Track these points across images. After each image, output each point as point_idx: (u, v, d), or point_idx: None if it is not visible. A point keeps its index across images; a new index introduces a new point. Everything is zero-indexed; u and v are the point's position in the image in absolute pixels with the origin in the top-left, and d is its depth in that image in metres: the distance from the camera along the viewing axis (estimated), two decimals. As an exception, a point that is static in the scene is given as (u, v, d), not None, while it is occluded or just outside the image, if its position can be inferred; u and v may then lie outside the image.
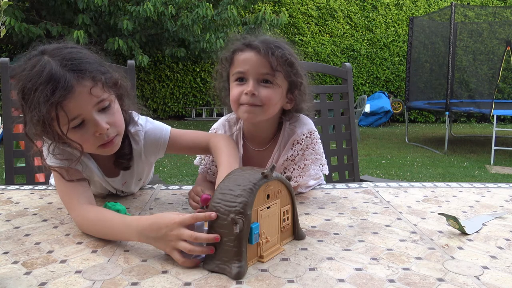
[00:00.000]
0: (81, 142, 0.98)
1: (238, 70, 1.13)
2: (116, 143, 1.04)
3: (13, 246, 0.89)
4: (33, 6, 7.31)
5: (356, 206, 1.17)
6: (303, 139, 1.20)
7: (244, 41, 1.15)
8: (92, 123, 0.96)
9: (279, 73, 1.12)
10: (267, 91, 1.12)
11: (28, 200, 1.22)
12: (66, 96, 0.91)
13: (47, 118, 0.91)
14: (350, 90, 1.81)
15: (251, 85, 1.11)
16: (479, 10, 8.66)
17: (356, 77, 9.89)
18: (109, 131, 0.99)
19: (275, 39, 1.17)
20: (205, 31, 7.08)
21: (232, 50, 1.16)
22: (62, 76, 0.91)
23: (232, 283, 0.73)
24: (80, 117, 0.95)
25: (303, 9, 9.81)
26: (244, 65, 1.12)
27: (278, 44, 1.14)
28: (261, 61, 1.11)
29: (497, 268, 0.80)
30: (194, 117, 9.69)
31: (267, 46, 1.11)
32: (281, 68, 1.12)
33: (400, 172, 5.16)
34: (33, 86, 0.91)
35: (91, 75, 0.94)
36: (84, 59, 0.96)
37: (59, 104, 0.90)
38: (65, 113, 0.92)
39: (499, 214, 1.11)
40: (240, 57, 1.14)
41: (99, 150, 1.02)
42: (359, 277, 0.76)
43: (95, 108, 0.96)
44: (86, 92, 0.94)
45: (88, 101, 0.94)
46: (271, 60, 1.10)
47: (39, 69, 0.92)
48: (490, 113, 5.93)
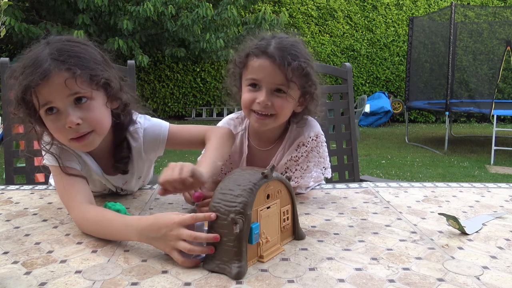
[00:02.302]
0: (53, 131, 1.00)
1: (252, 77, 1.10)
2: (89, 140, 1.01)
3: (13, 246, 0.89)
4: (33, 6, 7.31)
5: (356, 206, 1.17)
6: (309, 141, 1.20)
7: (260, 45, 1.09)
8: (64, 114, 0.97)
9: (293, 84, 1.08)
10: (280, 101, 1.09)
11: (28, 200, 1.22)
12: (40, 81, 0.93)
13: (24, 99, 0.96)
14: (350, 90, 1.81)
15: (264, 95, 1.08)
16: (479, 10, 8.66)
17: (356, 77, 9.89)
18: (80, 126, 0.98)
19: (292, 42, 1.11)
20: (205, 31, 7.08)
21: (246, 54, 1.12)
22: (43, 62, 0.94)
23: (232, 283, 0.73)
24: (51, 104, 0.96)
25: (303, 9, 9.81)
26: (258, 73, 1.09)
27: (296, 51, 1.08)
28: (276, 71, 1.06)
29: (497, 268, 0.80)
30: (194, 117, 9.69)
31: (284, 55, 1.06)
32: (296, 79, 1.08)
33: (400, 172, 5.16)
34: (21, 67, 0.97)
35: (72, 67, 0.95)
36: (75, 52, 0.98)
37: (34, 87, 0.94)
38: (37, 97, 0.95)
39: (499, 214, 1.11)
40: (255, 63, 1.09)
41: (72, 144, 1.02)
42: (359, 277, 0.76)
43: (69, 99, 0.96)
44: (61, 82, 0.94)
45: (61, 91, 0.95)
46: (287, 71, 1.05)
47: (32, 53, 0.97)
48: (490, 113, 5.93)
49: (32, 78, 0.93)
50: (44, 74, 0.93)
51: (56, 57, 0.94)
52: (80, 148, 1.05)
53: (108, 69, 1.04)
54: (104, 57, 1.05)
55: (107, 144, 1.14)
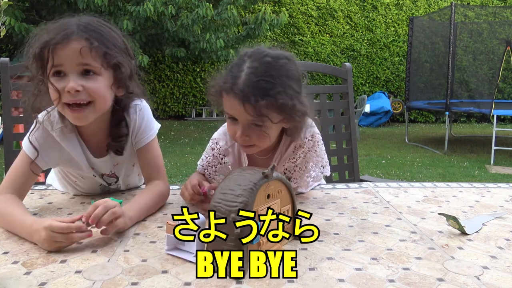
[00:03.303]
0: (52, 92, 1.02)
1: (227, 112, 1.07)
2: (85, 114, 1.03)
3: (13, 246, 0.89)
4: (33, 6, 7.31)
5: (356, 206, 1.17)
6: (306, 142, 1.19)
7: (228, 82, 1.02)
8: (68, 78, 1.00)
9: (266, 118, 1.01)
10: (258, 134, 1.05)
11: (28, 200, 1.21)
12: (60, 42, 0.99)
13: (40, 54, 1.00)
14: (350, 90, 1.81)
15: (240, 131, 1.05)
16: (479, 10, 8.66)
17: (356, 77, 9.89)
18: (79, 93, 1.00)
19: (268, 64, 1.01)
20: (205, 31, 7.08)
21: (217, 90, 1.07)
22: (68, 28, 1.01)
23: (232, 283, 0.73)
24: (60, 67, 1.00)
25: (303, 9, 9.81)
26: (230, 110, 1.05)
27: (266, 83, 0.99)
28: (246, 110, 0.99)
29: (497, 268, 0.80)
30: (194, 117, 9.69)
31: (249, 94, 0.98)
32: (269, 113, 1.01)
33: (400, 172, 5.16)
34: (47, 27, 1.03)
35: (91, 39, 1.01)
36: (99, 30, 1.04)
37: (53, 45, 0.99)
38: (52, 56, 0.99)
39: (499, 214, 1.11)
40: (226, 101, 1.05)
41: (66, 111, 1.03)
42: (359, 277, 0.76)
43: (78, 68, 1.01)
44: (77, 48, 1.00)
45: (73, 57, 1.00)
46: (255, 109, 0.99)
47: (64, 20, 1.04)
48: (490, 113, 5.93)
49: (54, 36, 0.99)
50: (65, 36, 0.99)
51: (81, 28, 1.01)
52: (72, 119, 1.06)
53: (124, 56, 1.07)
54: (126, 45, 1.10)
55: (104, 123, 1.15)
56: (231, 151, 1.24)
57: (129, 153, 1.21)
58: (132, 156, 1.23)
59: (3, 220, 0.98)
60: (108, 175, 1.23)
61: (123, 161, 1.22)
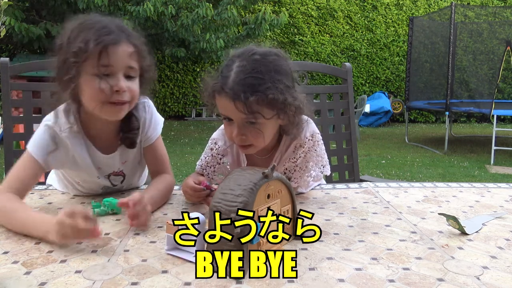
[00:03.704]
0: (93, 90, 1.03)
1: (222, 113, 1.08)
2: (124, 110, 1.09)
3: (13, 246, 0.89)
4: (33, 6, 7.31)
5: (356, 206, 1.17)
6: (306, 142, 1.19)
7: (219, 81, 1.04)
8: (115, 78, 1.03)
9: (258, 114, 1.02)
10: (254, 132, 1.05)
11: (28, 200, 1.21)
12: (113, 43, 1.02)
13: (87, 53, 1.00)
14: (350, 90, 1.81)
15: (236, 131, 1.05)
16: (479, 10, 8.67)
17: (356, 77, 9.89)
18: (124, 93, 1.05)
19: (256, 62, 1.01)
20: (205, 31, 7.08)
21: (210, 92, 1.08)
22: (116, 30, 1.04)
23: (232, 283, 0.73)
24: (110, 67, 1.03)
25: (303, 9, 9.81)
26: (223, 110, 1.06)
27: (255, 79, 0.99)
28: (238, 108, 1.01)
29: (497, 268, 0.80)
30: (194, 117, 9.69)
31: (239, 92, 0.99)
32: (261, 109, 1.01)
33: (400, 172, 5.17)
34: (90, 25, 1.03)
35: (138, 44, 1.07)
36: (134, 35, 1.09)
37: (107, 45, 1.01)
38: (107, 54, 1.01)
39: (499, 214, 1.11)
40: (219, 101, 1.06)
41: (106, 107, 1.05)
42: (359, 277, 0.76)
43: (124, 70, 1.05)
44: (127, 52, 1.05)
45: (123, 59, 1.04)
46: (246, 106, 0.99)
47: (99, 19, 1.06)
48: (490, 113, 5.93)
49: (105, 38, 1.01)
50: (116, 40, 1.02)
51: (124, 31, 1.06)
52: (113, 113, 1.08)
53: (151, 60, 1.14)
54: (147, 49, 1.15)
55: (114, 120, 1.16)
56: (229, 151, 1.24)
57: (137, 149, 1.23)
58: (139, 153, 1.25)
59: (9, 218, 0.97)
60: (116, 173, 1.24)
61: (131, 158, 1.24)
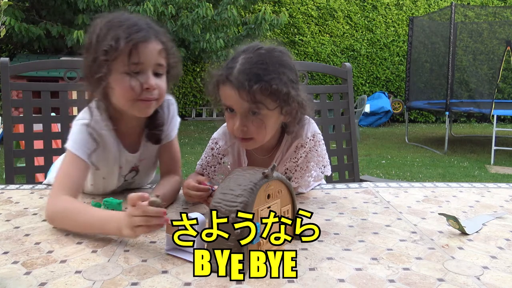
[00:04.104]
0: (125, 89, 1.03)
1: (225, 103, 1.08)
2: (152, 107, 1.09)
3: (13, 246, 0.89)
4: (33, 6, 7.31)
5: (356, 206, 1.17)
6: (307, 142, 1.19)
7: (224, 71, 1.06)
8: (145, 76, 1.04)
9: (262, 105, 1.03)
10: (256, 125, 1.06)
11: (28, 200, 1.21)
12: (143, 41, 1.02)
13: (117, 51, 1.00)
14: (350, 90, 1.81)
15: (238, 122, 1.05)
16: (479, 10, 8.67)
17: (356, 77, 9.89)
18: (154, 91, 1.05)
19: (260, 56, 1.04)
20: (205, 31, 7.08)
21: (214, 82, 1.09)
22: (145, 27, 1.04)
23: (232, 283, 0.73)
24: (141, 64, 1.03)
25: (303, 9, 9.81)
26: (227, 100, 1.06)
27: (260, 70, 1.02)
28: (241, 96, 1.02)
29: (497, 268, 0.80)
30: (194, 117, 9.69)
31: (243, 80, 1.00)
32: (264, 99, 1.02)
33: (400, 172, 5.16)
34: (119, 22, 1.03)
35: (164, 41, 1.07)
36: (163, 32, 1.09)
37: (137, 43, 1.01)
38: (137, 52, 1.01)
39: (499, 214, 1.11)
40: (222, 91, 1.07)
41: (136, 104, 1.06)
42: (359, 277, 0.76)
43: (153, 67, 1.05)
44: (156, 49, 1.05)
45: (153, 56, 1.04)
46: (250, 95, 1.01)
47: (128, 16, 1.06)
48: (490, 113, 5.93)
49: (135, 36, 1.01)
50: (146, 38, 1.02)
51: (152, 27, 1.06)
52: (142, 109, 1.08)
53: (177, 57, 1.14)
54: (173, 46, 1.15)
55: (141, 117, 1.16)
56: (230, 151, 1.24)
57: (156, 147, 1.25)
58: (156, 151, 1.27)
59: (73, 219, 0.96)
60: (133, 168, 1.25)
61: (148, 156, 1.25)
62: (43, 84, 1.62)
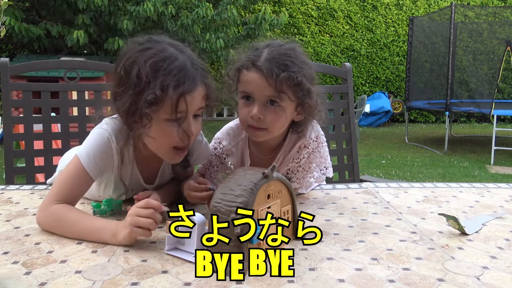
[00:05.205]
0: (168, 137, 0.99)
1: (244, 90, 1.09)
2: (184, 154, 1.06)
3: (13, 246, 0.89)
4: (33, 6, 7.31)
5: (356, 207, 1.17)
6: (310, 143, 1.19)
7: (250, 58, 1.08)
8: (186, 123, 0.99)
9: (284, 95, 1.06)
10: (273, 115, 1.07)
11: (28, 200, 1.22)
12: (192, 90, 0.96)
13: (164, 100, 0.93)
14: (350, 90, 1.81)
15: (256, 109, 1.06)
16: (479, 10, 8.66)
17: (356, 77, 9.89)
18: (191, 138, 1.02)
19: (285, 50, 1.08)
20: (205, 31, 7.08)
21: (237, 67, 1.10)
22: (192, 72, 0.97)
23: (232, 283, 0.73)
24: (184, 113, 0.98)
25: (303, 9, 9.81)
26: (248, 86, 1.07)
27: (288, 60, 1.05)
28: (266, 83, 1.04)
29: (497, 268, 0.80)
30: (194, 117, 9.68)
31: (272, 66, 1.04)
32: (287, 89, 1.05)
33: (400, 172, 5.16)
34: (167, 67, 0.94)
35: (208, 83, 1.01)
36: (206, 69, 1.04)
37: (185, 93, 0.95)
38: (184, 101, 0.95)
39: (499, 214, 1.11)
40: (245, 76, 1.08)
41: (171, 152, 1.03)
42: (359, 277, 0.76)
43: (195, 111, 1.01)
44: (201, 95, 1.00)
45: (197, 103, 1.00)
46: (276, 83, 1.03)
47: (171, 52, 0.98)
48: (490, 113, 5.93)
49: (184, 86, 0.94)
50: (194, 87, 0.97)
51: (197, 67, 0.99)
52: (174, 158, 1.05)
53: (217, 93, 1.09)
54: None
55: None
56: (234, 151, 1.24)
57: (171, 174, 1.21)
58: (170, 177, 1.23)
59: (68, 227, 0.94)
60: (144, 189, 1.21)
61: (162, 181, 1.21)
62: (43, 84, 1.63)
